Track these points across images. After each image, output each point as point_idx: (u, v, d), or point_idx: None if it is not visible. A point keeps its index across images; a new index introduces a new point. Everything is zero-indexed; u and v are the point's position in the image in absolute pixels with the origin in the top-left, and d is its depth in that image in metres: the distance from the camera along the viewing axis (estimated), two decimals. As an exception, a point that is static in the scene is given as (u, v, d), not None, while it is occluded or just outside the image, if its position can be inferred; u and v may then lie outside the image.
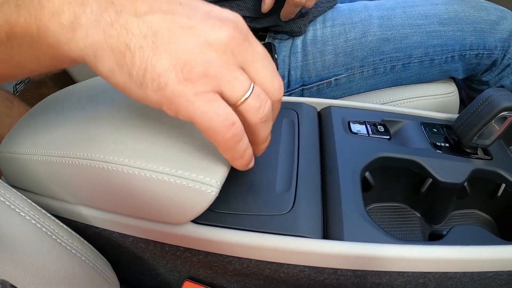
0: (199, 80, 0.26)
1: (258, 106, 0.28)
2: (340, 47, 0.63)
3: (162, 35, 0.25)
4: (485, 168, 0.46)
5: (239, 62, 0.27)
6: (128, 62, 0.25)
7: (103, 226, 0.42)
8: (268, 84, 0.29)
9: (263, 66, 0.29)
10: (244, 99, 0.28)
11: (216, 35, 0.26)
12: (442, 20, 0.62)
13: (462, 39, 0.62)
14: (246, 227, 0.36)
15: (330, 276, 0.37)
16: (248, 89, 0.28)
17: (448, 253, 0.37)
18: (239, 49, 0.27)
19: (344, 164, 0.43)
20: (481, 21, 0.62)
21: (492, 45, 0.62)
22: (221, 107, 0.27)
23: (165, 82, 0.25)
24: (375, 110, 0.53)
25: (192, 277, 0.45)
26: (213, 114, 0.26)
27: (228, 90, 0.27)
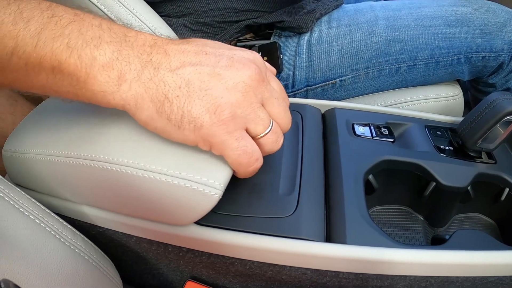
0: (230, 121, 0.30)
1: (275, 140, 0.33)
2: (345, 48, 0.63)
3: (193, 84, 0.29)
4: (488, 172, 0.47)
5: (259, 100, 0.32)
6: (166, 109, 0.29)
7: (106, 226, 0.43)
8: (282, 119, 0.33)
9: (278, 103, 0.33)
10: (265, 134, 0.32)
11: (239, 78, 0.30)
12: (449, 22, 0.62)
13: (468, 42, 0.62)
14: (248, 229, 0.36)
15: (332, 279, 0.38)
16: (269, 126, 0.32)
17: (451, 257, 0.37)
18: (259, 88, 0.31)
19: (347, 167, 0.43)
20: (488, 23, 0.62)
21: (499, 48, 0.63)
22: (249, 145, 0.31)
23: (201, 124, 0.29)
24: (379, 113, 0.53)
25: (194, 277, 0.46)
26: (242, 151, 0.31)
27: (252, 127, 0.31)
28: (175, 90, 0.29)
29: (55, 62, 0.29)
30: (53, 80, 0.31)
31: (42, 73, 0.30)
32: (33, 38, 0.29)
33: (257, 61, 0.33)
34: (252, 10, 0.63)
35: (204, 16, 0.62)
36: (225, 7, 0.62)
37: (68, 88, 0.31)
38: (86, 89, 0.30)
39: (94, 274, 0.41)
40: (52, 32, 0.29)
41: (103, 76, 0.29)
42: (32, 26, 0.29)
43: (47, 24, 0.29)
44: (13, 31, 0.29)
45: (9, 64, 0.30)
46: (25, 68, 0.30)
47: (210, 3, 0.61)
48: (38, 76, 0.31)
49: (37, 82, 0.31)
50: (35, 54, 0.29)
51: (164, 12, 0.61)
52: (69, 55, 0.29)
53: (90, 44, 0.29)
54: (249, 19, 0.63)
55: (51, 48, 0.29)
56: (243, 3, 0.62)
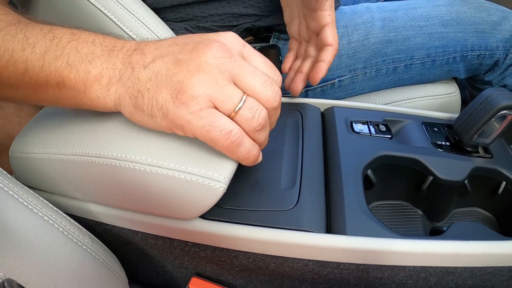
0: (191, 101, 0.31)
1: (250, 117, 0.32)
2: (343, 49, 0.65)
3: (161, 74, 0.32)
4: (485, 166, 0.48)
5: (228, 77, 0.32)
6: (140, 102, 0.33)
7: (113, 223, 0.44)
8: (260, 94, 0.32)
9: (253, 77, 0.32)
10: (236, 111, 0.31)
11: (201, 59, 0.31)
12: (444, 21, 0.64)
13: (463, 40, 0.64)
14: (252, 222, 0.38)
15: (333, 270, 0.39)
16: (239, 102, 0.31)
17: (448, 247, 0.38)
18: (227, 65, 0.32)
19: (346, 162, 0.45)
20: (483, 22, 0.64)
21: (494, 46, 0.64)
22: (217, 120, 0.31)
23: (167, 109, 0.31)
24: (377, 110, 0.55)
25: (199, 273, 0.47)
26: (209, 127, 0.31)
27: (219, 105, 0.31)
28: (146, 83, 0.32)
29: (59, 78, 0.34)
30: (59, 94, 0.36)
31: (49, 89, 0.35)
32: (39, 60, 0.34)
33: (227, 39, 0.34)
34: (251, 15, 0.65)
35: (204, 21, 0.64)
36: (224, 12, 0.64)
37: (71, 99, 0.36)
38: (86, 98, 0.35)
39: (101, 270, 0.42)
40: (54, 53, 0.34)
41: (97, 85, 0.34)
42: (37, 50, 0.34)
43: (50, 46, 0.34)
44: (23, 56, 0.34)
45: (21, 83, 0.36)
46: (35, 85, 0.35)
47: (210, 9, 0.63)
48: (46, 91, 0.36)
49: (45, 96, 0.37)
50: (43, 73, 0.34)
51: (165, 18, 0.63)
52: (69, 71, 0.34)
53: (85, 60, 0.34)
54: (248, 23, 0.65)
55: (54, 67, 0.34)
56: (241, 8, 0.64)
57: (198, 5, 0.63)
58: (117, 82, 0.34)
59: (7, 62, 0.35)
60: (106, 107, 0.35)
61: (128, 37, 0.53)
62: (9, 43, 0.35)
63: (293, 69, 0.58)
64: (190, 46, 0.33)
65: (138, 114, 0.34)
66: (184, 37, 0.35)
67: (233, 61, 0.32)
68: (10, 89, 0.37)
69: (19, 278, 0.32)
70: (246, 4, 0.64)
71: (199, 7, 0.63)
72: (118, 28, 0.52)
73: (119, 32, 0.53)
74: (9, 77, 0.35)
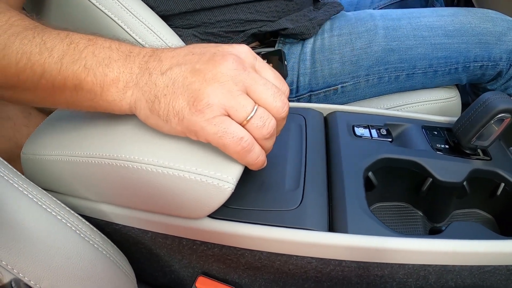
0: (207, 108, 0.33)
1: (261, 125, 0.35)
2: (346, 56, 0.67)
3: (178, 82, 0.34)
4: (484, 168, 0.51)
5: (241, 88, 0.34)
6: (156, 107, 0.35)
7: (123, 223, 0.47)
8: (271, 105, 0.35)
9: (265, 89, 0.35)
10: (248, 119, 0.34)
11: (218, 70, 0.34)
12: (447, 32, 0.66)
13: (466, 51, 0.66)
14: (258, 221, 0.41)
15: (335, 268, 0.42)
16: (251, 111, 0.34)
17: (447, 246, 0.41)
18: (240, 76, 0.35)
19: (348, 165, 0.47)
20: (487, 33, 0.66)
21: (498, 56, 0.66)
22: (229, 127, 0.34)
23: (183, 115, 0.34)
24: (378, 115, 0.57)
25: (205, 272, 0.50)
26: (222, 133, 0.34)
27: (232, 113, 0.34)
28: (164, 89, 0.35)
29: (76, 81, 0.36)
30: (76, 96, 0.38)
31: (66, 91, 0.38)
32: (57, 63, 0.36)
33: (241, 52, 0.37)
34: (257, 20, 0.68)
35: (212, 27, 0.67)
36: (231, 19, 0.67)
37: (88, 102, 0.38)
38: (102, 100, 0.37)
39: (112, 268, 0.44)
40: (72, 57, 0.36)
41: (113, 88, 0.36)
42: (55, 54, 0.36)
43: (67, 51, 0.37)
44: (40, 59, 0.36)
45: (38, 85, 0.38)
46: (52, 88, 0.37)
47: (217, 15, 0.66)
48: (63, 93, 0.38)
49: (61, 99, 0.39)
50: (60, 76, 0.36)
51: (174, 25, 0.66)
52: (86, 74, 0.36)
53: (102, 64, 0.36)
54: (254, 28, 0.68)
55: (72, 70, 0.36)
56: (247, 14, 0.67)
57: (205, 11, 0.66)
58: (134, 86, 0.36)
59: (24, 66, 0.37)
60: (121, 110, 0.38)
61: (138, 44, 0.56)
62: (26, 47, 0.37)
63: None
64: (207, 57, 0.35)
65: (154, 118, 0.36)
66: (200, 46, 0.38)
67: (246, 73, 0.35)
68: (27, 92, 0.39)
69: (32, 276, 0.34)
70: (252, 10, 0.67)
71: (207, 14, 0.66)
72: (129, 36, 0.55)
73: (129, 39, 0.56)
74: (26, 80, 0.37)
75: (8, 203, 0.36)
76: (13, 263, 0.33)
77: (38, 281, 0.34)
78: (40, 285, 0.34)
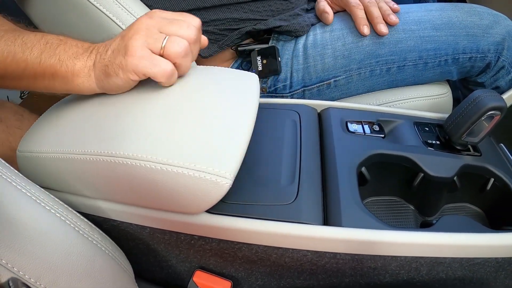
0: (134, 51, 0.44)
1: (175, 46, 0.45)
2: (338, 51, 0.70)
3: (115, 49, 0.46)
4: (474, 163, 0.53)
5: (154, 30, 0.46)
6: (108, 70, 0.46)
7: (121, 219, 0.49)
8: (178, 32, 0.46)
9: (171, 25, 0.47)
10: (163, 46, 0.45)
11: (135, 28, 0.46)
12: (435, 25, 0.69)
13: (455, 44, 0.69)
14: (255, 215, 0.43)
15: (330, 260, 0.44)
16: (164, 39, 0.45)
17: (437, 238, 0.43)
18: (152, 24, 0.46)
19: (342, 160, 0.50)
20: (474, 26, 0.69)
21: (485, 48, 0.69)
22: (154, 59, 0.44)
23: (123, 64, 0.45)
24: (371, 111, 0.60)
25: (202, 266, 0.52)
26: (150, 65, 0.44)
27: (152, 46, 0.45)
28: (109, 57, 0.46)
29: (53, 71, 0.48)
30: (53, 82, 0.49)
31: (45, 79, 0.49)
32: (37, 58, 0.47)
33: (154, 14, 0.48)
34: (251, 19, 0.70)
35: (206, 25, 0.69)
36: (225, 18, 0.69)
37: (63, 86, 0.49)
38: (73, 84, 0.48)
39: (111, 264, 0.46)
40: (48, 53, 0.48)
41: (81, 73, 0.48)
42: (35, 51, 0.48)
43: (44, 48, 0.48)
44: (23, 56, 0.48)
45: (23, 75, 0.49)
46: (34, 76, 0.49)
47: (211, 15, 0.69)
48: (43, 81, 0.49)
49: (42, 85, 0.50)
50: (40, 68, 0.48)
51: None
52: (60, 65, 0.47)
53: (71, 57, 0.48)
54: (248, 26, 0.70)
55: (49, 63, 0.47)
56: (242, 13, 0.69)
57: (200, 11, 0.68)
58: (93, 67, 0.48)
59: (11, 61, 0.48)
60: (89, 89, 0.49)
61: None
62: (10, 47, 0.48)
63: None
64: (130, 30, 0.47)
65: (109, 80, 0.47)
66: None
67: (155, 21, 0.47)
68: (14, 80, 0.51)
69: (32, 273, 0.35)
70: (245, 10, 0.69)
71: (201, 13, 0.68)
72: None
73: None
74: (13, 72, 0.49)
75: (7, 201, 0.37)
76: (13, 261, 0.34)
77: (38, 279, 0.36)
78: (40, 282, 0.36)
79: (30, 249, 0.36)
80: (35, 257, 0.36)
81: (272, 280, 0.50)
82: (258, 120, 0.55)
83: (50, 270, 0.37)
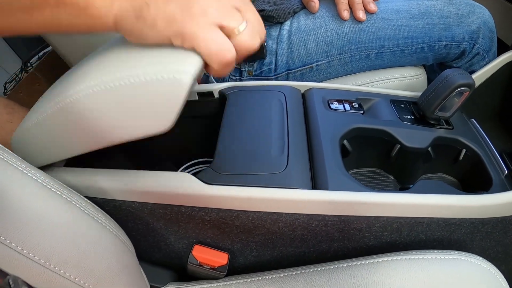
0: (201, 15, 0.38)
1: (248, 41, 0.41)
2: (320, 37, 0.80)
3: None
4: (446, 136, 0.63)
5: (233, 5, 0.40)
6: (144, 13, 0.38)
7: (124, 198, 0.56)
8: (258, 27, 0.42)
9: (254, 14, 0.42)
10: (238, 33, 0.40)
11: None
12: (413, 15, 0.80)
13: (431, 32, 0.79)
14: (251, 184, 0.51)
15: (320, 223, 0.53)
16: (242, 22, 0.40)
17: (415, 199, 0.52)
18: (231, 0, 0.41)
19: (325, 134, 0.59)
20: (450, 15, 0.79)
21: (460, 37, 0.79)
22: (219, 37, 0.39)
23: (173, 19, 0.38)
24: (351, 91, 0.70)
25: (200, 241, 0.60)
26: (211, 41, 0.38)
27: (225, 24, 0.39)
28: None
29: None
30: (57, 13, 0.39)
31: (46, 9, 0.38)
32: None
33: None
34: None
35: None
36: None
37: (69, 19, 0.39)
38: (86, 15, 0.39)
39: (115, 243, 0.51)
40: None
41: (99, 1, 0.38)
42: None
43: None
44: None
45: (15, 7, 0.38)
46: (31, 6, 0.38)
47: None
48: (43, 12, 0.39)
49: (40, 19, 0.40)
50: None
51: None
52: None
53: None
54: None
55: None
56: None
57: None
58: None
59: None
60: (105, 25, 0.40)
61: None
62: None
63: None
64: None
65: (139, 27, 0.39)
66: None
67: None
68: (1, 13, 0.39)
69: (42, 254, 0.39)
70: None
71: None
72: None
73: None
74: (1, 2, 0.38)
75: (13, 185, 0.40)
76: (23, 244, 0.37)
77: (48, 259, 0.39)
78: (49, 262, 0.39)
79: (39, 231, 0.39)
80: (43, 239, 0.39)
81: (266, 250, 0.59)
82: (248, 101, 0.64)
83: (58, 250, 0.41)
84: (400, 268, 0.53)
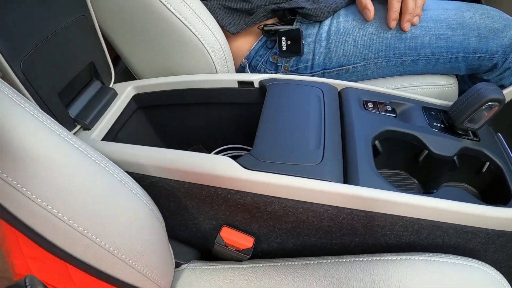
0: None
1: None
2: (359, 40, 0.84)
3: None
4: (473, 147, 0.67)
5: None
6: None
7: (161, 175, 0.61)
8: None
9: None
10: None
11: None
12: (450, 25, 0.83)
13: (466, 43, 0.83)
14: (287, 173, 0.56)
15: (347, 216, 0.57)
16: None
17: (437, 203, 0.56)
18: None
19: (359, 132, 0.64)
20: (486, 28, 0.83)
21: (494, 50, 0.83)
22: None
23: None
24: (385, 93, 0.75)
25: (228, 223, 0.64)
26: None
27: None
28: None
29: None
30: None
31: None
32: None
33: None
34: None
35: (233, 2, 0.84)
36: None
37: None
38: None
39: (151, 217, 0.55)
40: None
41: None
42: None
43: None
44: None
45: None
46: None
47: None
48: None
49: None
50: None
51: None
52: None
53: None
54: (273, 4, 0.84)
55: None
56: None
57: None
58: None
59: None
60: None
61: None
62: None
63: None
64: None
65: None
66: None
67: None
68: None
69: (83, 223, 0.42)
70: None
71: None
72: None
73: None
74: None
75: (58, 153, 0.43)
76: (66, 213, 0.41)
77: (86, 228, 0.43)
78: (88, 231, 0.43)
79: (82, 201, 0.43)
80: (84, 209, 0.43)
81: (290, 238, 0.64)
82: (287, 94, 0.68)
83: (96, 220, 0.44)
84: (418, 268, 0.58)
